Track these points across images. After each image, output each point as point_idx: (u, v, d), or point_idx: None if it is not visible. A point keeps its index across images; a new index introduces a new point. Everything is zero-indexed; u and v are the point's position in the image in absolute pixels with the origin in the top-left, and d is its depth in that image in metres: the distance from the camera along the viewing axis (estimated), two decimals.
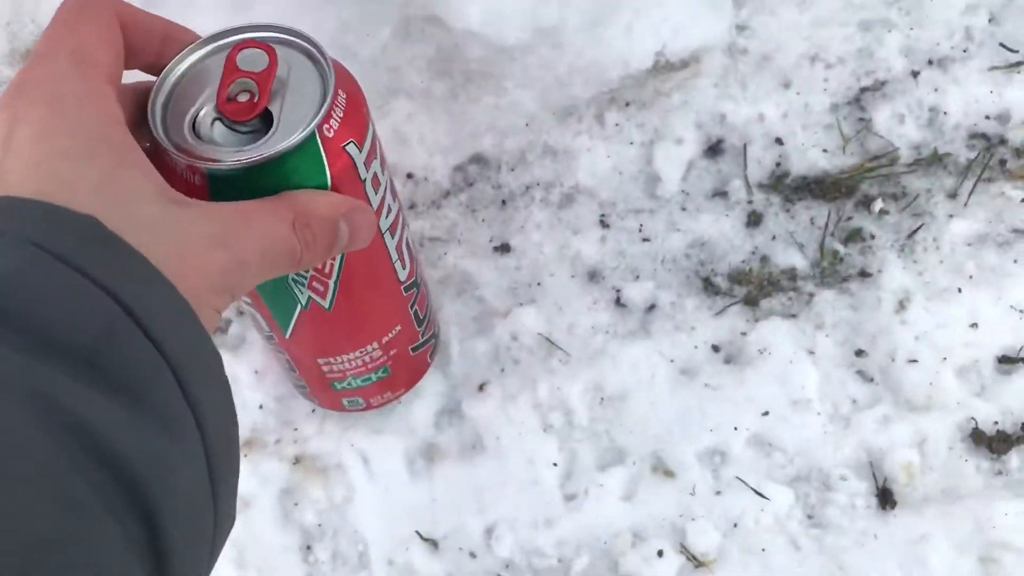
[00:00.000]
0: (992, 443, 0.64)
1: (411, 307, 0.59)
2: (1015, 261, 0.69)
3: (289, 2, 0.59)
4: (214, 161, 0.39)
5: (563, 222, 0.73)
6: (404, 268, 0.55)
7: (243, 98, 0.41)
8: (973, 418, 0.65)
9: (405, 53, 0.66)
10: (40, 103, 0.32)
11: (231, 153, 0.40)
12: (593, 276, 0.72)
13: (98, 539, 0.24)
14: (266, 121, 0.41)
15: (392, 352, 0.60)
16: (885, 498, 0.64)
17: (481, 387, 0.69)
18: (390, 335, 0.58)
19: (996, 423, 0.65)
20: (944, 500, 0.64)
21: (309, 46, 0.43)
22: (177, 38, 0.41)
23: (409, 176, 0.74)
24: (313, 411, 0.69)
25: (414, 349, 0.62)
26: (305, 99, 0.42)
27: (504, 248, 0.73)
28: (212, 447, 0.30)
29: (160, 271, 0.30)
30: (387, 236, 0.51)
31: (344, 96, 0.43)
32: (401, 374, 0.63)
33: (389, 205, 0.50)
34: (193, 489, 0.29)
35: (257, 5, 0.59)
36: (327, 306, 0.51)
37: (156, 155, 0.41)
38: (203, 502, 0.30)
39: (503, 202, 0.74)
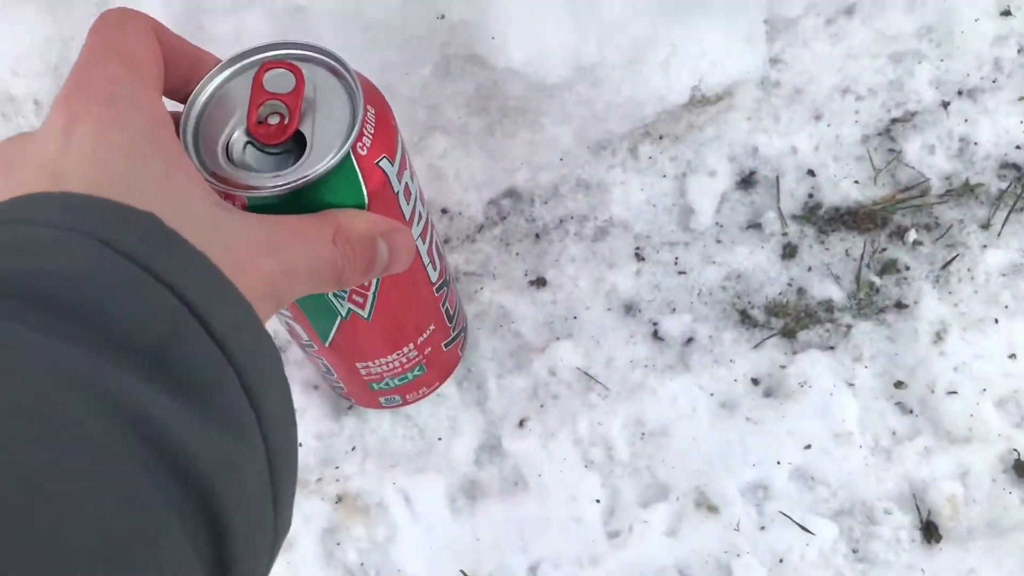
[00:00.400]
0: None
1: (443, 305, 0.60)
2: None
3: (331, 42, 0.59)
4: (254, 189, 0.39)
5: (598, 255, 0.74)
6: (435, 270, 0.56)
7: (273, 120, 0.41)
8: (1015, 449, 0.66)
9: (444, 90, 0.66)
10: (97, 102, 0.32)
11: (268, 178, 0.40)
12: (629, 309, 0.72)
13: (165, 540, 0.24)
14: (297, 140, 0.41)
15: (427, 351, 0.60)
16: (930, 531, 0.64)
17: (521, 423, 0.69)
18: (425, 335, 0.59)
19: None
20: (989, 533, 0.64)
21: (333, 62, 0.43)
22: (208, 64, 0.41)
23: (444, 211, 0.74)
24: (353, 449, 0.68)
25: (446, 345, 0.63)
26: (335, 117, 0.42)
27: (539, 282, 0.73)
28: (274, 450, 0.29)
29: (220, 270, 0.30)
30: (419, 242, 0.51)
31: (372, 112, 0.43)
32: (435, 370, 0.64)
33: (420, 212, 0.50)
34: (256, 493, 0.29)
35: None
36: (366, 316, 0.52)
37: None
38: (265, 507, 0.29)
39: (537, 236, 0.74)
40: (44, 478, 0.22)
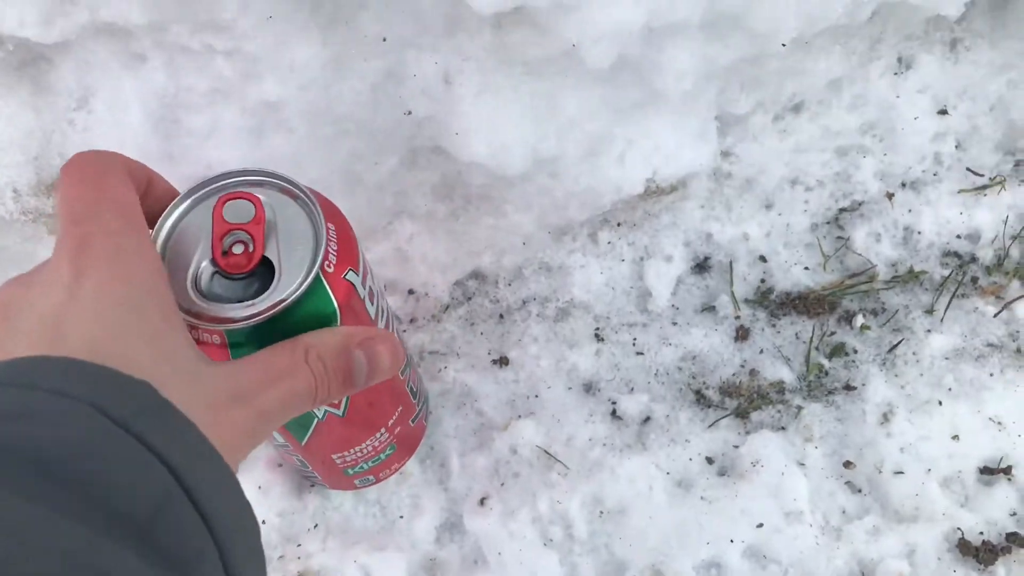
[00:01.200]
0: (979, 553, 0.67)
1: (407, 386, 0.62)
2: (991, 375, 0.73)
3: (304, 134, 0.62)
4: (230, 321, 0.41)
5: (559, 336, 0.76)
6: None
7: (238, 250, 0.42)
8: (959, 528, 0.68)
9: (411, 179, 0.69)
10: (102, 258, 0.34)
11: (243, 308, 0.41)
12: (589, 388, 0.74)
13: None
14: (263, 262, 0.43)
15: (397, 431, 0.63)
16: None
17: (482, 501, 0.70)
18: (394, 417, 0.61)
19: (981, 533, 0.68)
20: None
21: (287, 184, 0.44)
22: (157, 184, 0.42)
23: (410, 292, 0.77)
24: (316, 526, 0.70)
25: (413, 420, 0.65)
26: (298, 238, 0.43)
27: (502, 361, 0.75)
28: None
29: (208, 439, 0.32)
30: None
31: (333, 228, 0.44)
32: (405, 446, 0.66)
33: (382, 308, 0.53)
34: None
35: (272, 136, 0.62)
36: (341, 414, 0.54)
37: None
38: None
39: (500, 316, 0.77)
40: None
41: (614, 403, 0.74)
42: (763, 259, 0.77)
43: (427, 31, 0.60)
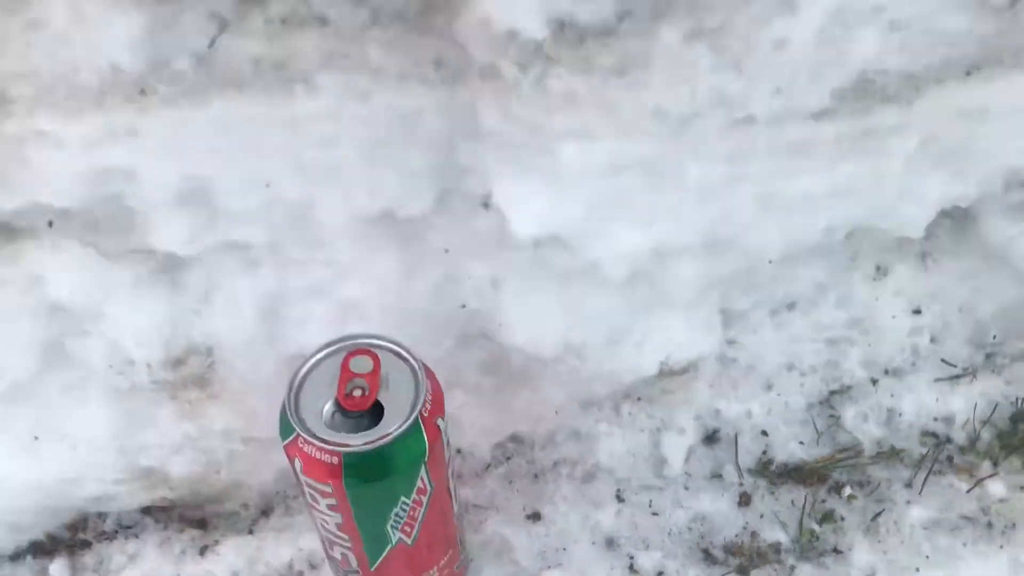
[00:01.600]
0: None
1: (458, 534, 0.73)
2: (964, 544, 0.82)
3: (377, 323, 0.76)
4: (349, 446, 0.55)
5: (586, 496, 0.88)
6: (456, 503, 0.70)
7: (357, 393, 0.57)
8: None
9: (463, 358, 0.83)
10: None
11: (357, 438, 0.55)
12: (611, 544, 0.85)
13: None
14: (375, 405, 0.57)
15: (445, 573, 0.73)
16: None
17: None
18: (445, 559, 0.72)
19: None
20: None
21: (398, 348, 0.60)
22: None
23: (458, 451, 0.89)
24: None
25: (457, 567, 0.76)
26: (402, 389, 0.58)
27: (535, 516, 0.87)
28: None
29: None
30: (451, 480, 0.66)
31: (428, 384, 0.59)
32: None
33: (451, 455, 0.65)
34: None
35: (352, 325, 0.76)
36: (410, 542, 0.65)
37: (297, 443, 0.57)
38: None
39: (535, 475, 0.89)
40: None
41: (632, 558, 0.84)
42: (764, 433, 0.89)
43: (480, 246, 0.75)
